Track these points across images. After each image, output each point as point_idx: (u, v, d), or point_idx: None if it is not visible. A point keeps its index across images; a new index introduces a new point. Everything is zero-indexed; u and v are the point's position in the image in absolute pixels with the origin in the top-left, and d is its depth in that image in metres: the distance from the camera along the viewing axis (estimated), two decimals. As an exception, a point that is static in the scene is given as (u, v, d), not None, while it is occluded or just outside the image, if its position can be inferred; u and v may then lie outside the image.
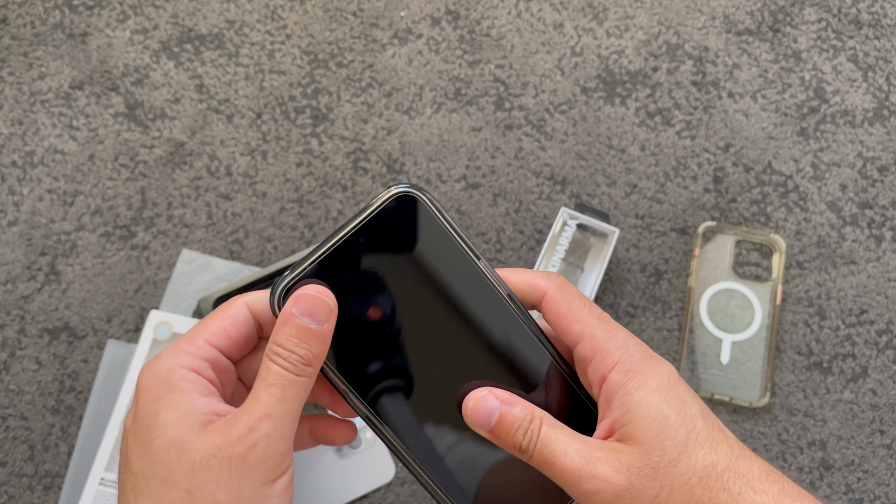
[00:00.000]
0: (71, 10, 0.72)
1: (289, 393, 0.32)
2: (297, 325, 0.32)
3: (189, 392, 0.32)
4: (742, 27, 0.73)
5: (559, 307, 0.36)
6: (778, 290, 0.66)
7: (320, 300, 0.33)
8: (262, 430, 0.31)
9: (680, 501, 0.33)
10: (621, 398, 0.34)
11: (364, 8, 0.73)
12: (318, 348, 0.33)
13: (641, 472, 0.33)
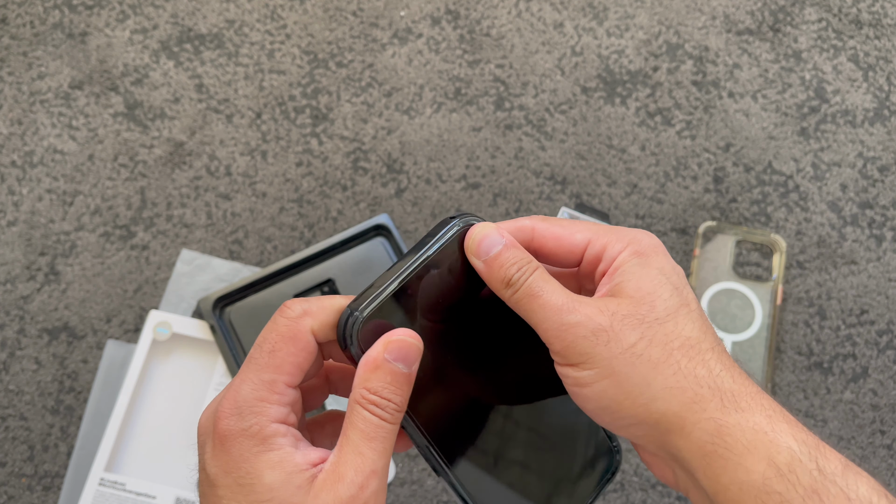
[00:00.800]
0: (70, 10, 0.72)
1: (388, 445, 0.32)
2: (392, 370, 0.32)
3: (285, 447, 0.32)
4: (742, 27, 0.73)
5: (552, 230, 0.36)
6: (778, 290, 0.66)
7: (413, 345, 0.32)
8: (371, 488, 0.31)
9: (656, 357, 0.32)
10: (623, 270, 0.34)
11: (364, 7, 0.73)
12: (408, 393, 0.33)
13: (625, 320, 0.32)
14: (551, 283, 0.34)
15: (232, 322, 0.64)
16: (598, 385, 0.32)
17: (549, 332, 0.33)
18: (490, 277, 0.34)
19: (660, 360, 0.32)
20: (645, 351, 0.32)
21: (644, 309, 0.33)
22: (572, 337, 0.32)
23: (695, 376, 0.32)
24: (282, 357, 0.32)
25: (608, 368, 0.32)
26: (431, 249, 0.34)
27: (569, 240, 0.35)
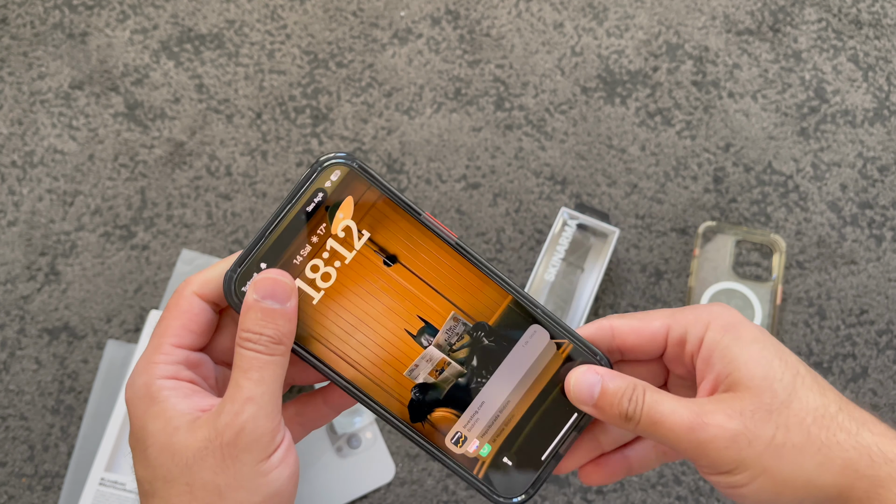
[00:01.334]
0: (71, 10, 0.72)
1: (266, 373, 0.33)
2: (262, 308, 0.34)
3: (170, 399, 0.34)
4: (742, 27, 0.73)
5: (630, 324, 0.37)
6: (778, 290, 0.66)
7: (279, 281, 0.34)
8: (246, 413, 0.33)
9: (798, 441, 0.33)
10: (721, 352, 0.34)
11: (364, 8, 0.73)
12: (286, 326, 0.34)
13: (755, 415, 0.33)
14: (666, 399, 0.34)
15: (232, 322, 0.64)
16: (754, 484, 0.33)
17: (689, 452, 0.34)
18: (607, 418, 0.35)
19: (803, 443, 0.33)
20: (786, 439, 0.33)
21: (767, 398, 0.33)
22: (714, 452, 0.33)
23: (837, 444, 0.33)
24: (166, 322, 0.35)
25: (758, 467, 0.33)
26: (294, 200, 0.35)
27: (648, 329, 0.37)
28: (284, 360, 0.34)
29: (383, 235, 0.36)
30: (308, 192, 0.35)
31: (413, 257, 0.36)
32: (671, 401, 0.34)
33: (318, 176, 0.35)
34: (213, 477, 0.32)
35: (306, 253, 0.36)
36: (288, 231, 0.35)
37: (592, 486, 0.62)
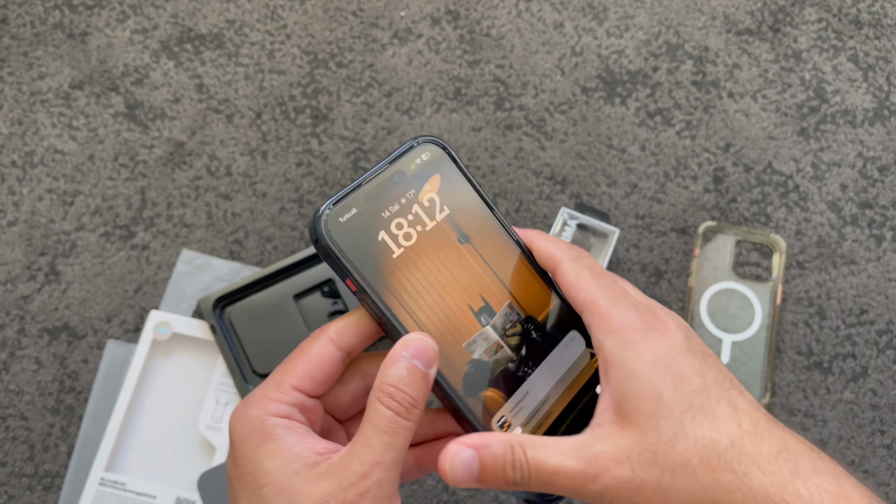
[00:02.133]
0: (71, 10, 0.72)
1: (398, 439, 0.33)
2: (410, 365, 0.33)
3: (286, 438, 0.33)
4: (742, 27, 0.73)
5: (567, 277, 0.37)
6: (778, 290, 0.66)
7: (429, 345, 0.34)
8: (373, 478, 0.32)
9: (683, 485, 0.32)
10: (616, 372, 0.34)
11: (364, 8, 0.73)
12: (425, 391, 0.34)
13: (641, 458, 0.32)
14: (551, 452, 0.34)
15: (232, 322, 0.64)
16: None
17: (585, 499, 0.33)
18: (496, 488, 0.34)
19: (687, 487, 0.32)
20: (671, 484, 0.32)
21: (653, 438, 0.33)
22: (608, 500, 0.33)
23: (723, 486, 0.32)
24: (294, 363, 0.35)
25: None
26: (393, 161, 0.38)
27: (573, 295, 0.37)
28: (415, 426, 0.34)
29: (461, 216, 0.39)
30: (407, 160, 0.38)
31: (483, 242, 0.39)
32: (556, 453, 0.33)
33: (417, 147, 0.39)
34: None
35: (394, 210, 0.37)
36: (382, 186, 0.37)
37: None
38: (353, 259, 0.36)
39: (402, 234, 0.37)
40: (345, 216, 0.36)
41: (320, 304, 0.66)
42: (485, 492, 0.63)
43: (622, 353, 0.34)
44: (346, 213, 0.36)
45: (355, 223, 0.37)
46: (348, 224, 0.36)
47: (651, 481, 0.32)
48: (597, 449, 0.33)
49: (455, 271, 0.38)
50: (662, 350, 0.34)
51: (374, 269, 0.36)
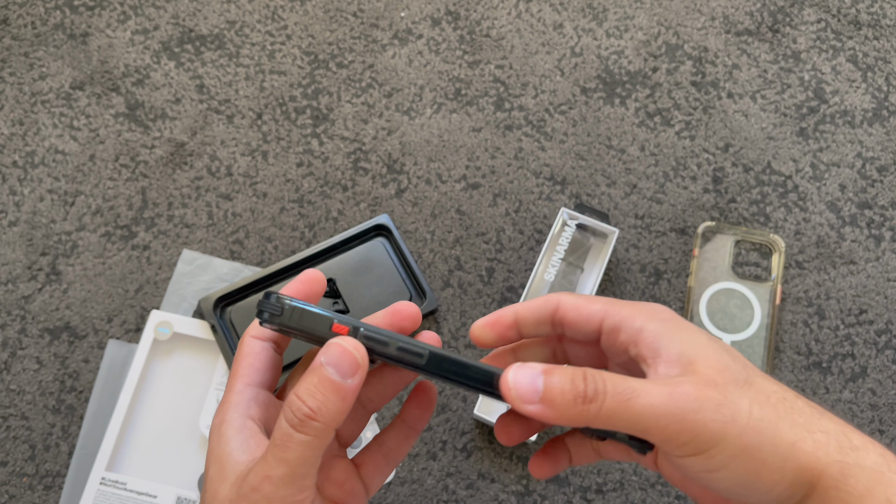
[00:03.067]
0: (72, 11, 0.72)
1: (290, 454, 0.31)
2: (320, 376, 0.31)
3: (231, 442, 0.33)
4: (741, 27, 0.73)
5: (574, 301, 0.36)
6: (777, 289, 0.66)
7: (348, 352, 0.31)
8: (263, 492, 0.31)
9: (771, 417, 0.31)
10: (668, 338, 0.32)
11: (364, 8, 0.73)
12: (335, 404, 0.31)
13: (727, 387, 0.31)
14: (628, 378, 0.31)
15: (233, 322, 0.64)
16: (733, 465, 0.30)
17: (669, 429, 0.30)
18: (560, 412, 0.31)
19: (775, 419, 0.31)
20: (762, 414, 0.31)
21: (731, 374, 0.31)
22: (700, 425, 0.30)
23: (804, 424, 0.31)
24: (234, 366, 0.36)
25: (738, 445, 0.30)
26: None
27: (587, 309, 0.35)
28: (319, 441, 0.31)
29: None
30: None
31: None
32: (635, 379, 0.31)
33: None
34: None
35: None
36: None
37: (591, 486, 0.63)
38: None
39: None
40: (332, 341, 0.35)
41: (321, 304, 0.66)
42: (485, 491, 0.63)
43: (668, 327, 0.33)
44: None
45: None
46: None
47: (742, 408, 0.30)
48: (678, 380, 0.31)
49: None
50: (697, 327, 0.34)
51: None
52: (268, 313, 0.33)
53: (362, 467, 0.38)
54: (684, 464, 0.31)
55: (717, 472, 0.31)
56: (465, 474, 0.63)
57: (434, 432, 0.64)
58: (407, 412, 0.39)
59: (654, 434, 0.30)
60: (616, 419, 0.30)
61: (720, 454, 0.30)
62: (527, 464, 0.63)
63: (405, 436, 0.39)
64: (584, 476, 0.63)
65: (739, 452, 0.30)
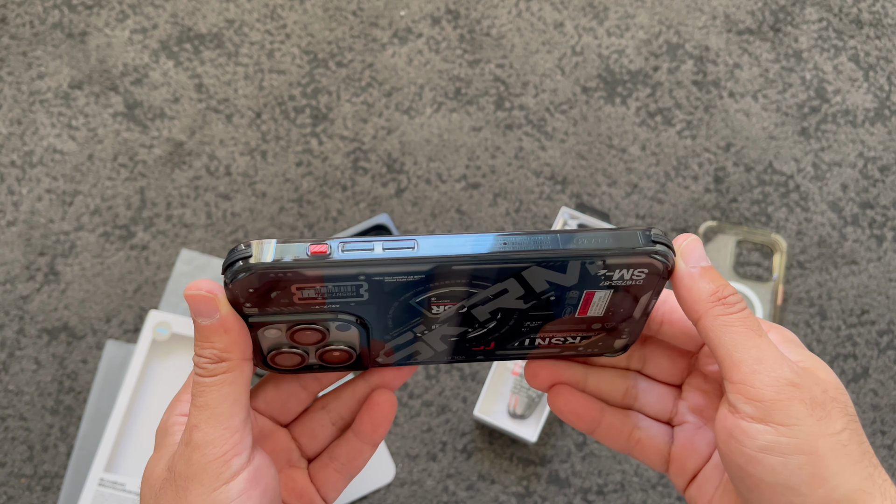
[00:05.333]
0: (70, 10, 0.72)
1: (209, 398, 0.31)
2: (196, 327, 0.32)
3: (177, 433, 0.33)
4: (743, 27, 0.73)
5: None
6: (779, 290, 0.66)
7: (199, 297, 0.31)
8: (193, 442, 0.31)
9: (856, 454, 0.29)
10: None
11: (364, 7, 0.73)
12: (223, 340, 0.31)
13: (834, 403, 0.30)
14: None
15: (232, 322, 0.64)
16: (795, 459, 0.28)
17: (760, 377, 0.29)
18: (700, 286, 0.30)
19: (858, 458, 0.29)
20: (849, 443, 0.29)
21: (843, 400, 0.30)
22: (788, 395, 0.29)
23: (876, 481, 0.29)
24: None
25: (811, 445, 0.29)
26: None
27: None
28: (232, 376, 0.31)
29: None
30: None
31: None
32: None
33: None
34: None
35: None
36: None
37: (592, 487, 0.62)
38: None
39: None
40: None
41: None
42: (485, 493, 0.62)
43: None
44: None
45: None
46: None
47: (834, 424, 0.29)
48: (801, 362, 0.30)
49: None
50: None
51: None
52: (240, 260, 0.29)
53: (314, 480, 0.37)
54: (744, 429, 0.29)
55: (774, 457, 0.29)
56: (465, 475, 0.63)
57: (434, 433, 0.63)
58: (360, 426, 0.37)
59: (740, 371, 0.29)
60: (725, 333, 0.30)
61: (786, 438, 0.29)
62: (527, 465, 0.63)
63: (358, 450, 0.37)
64: (585, 477, 0.63)
65: (807, 452, 0.29)
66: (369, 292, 0.31)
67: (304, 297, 0.31)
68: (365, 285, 0.30)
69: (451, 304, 0.32)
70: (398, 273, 0.30)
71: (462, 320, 0.33)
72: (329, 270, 0.29)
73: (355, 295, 0.31)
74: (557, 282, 0.31)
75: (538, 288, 0.31)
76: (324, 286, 0.30)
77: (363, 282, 0.30)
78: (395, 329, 0.33)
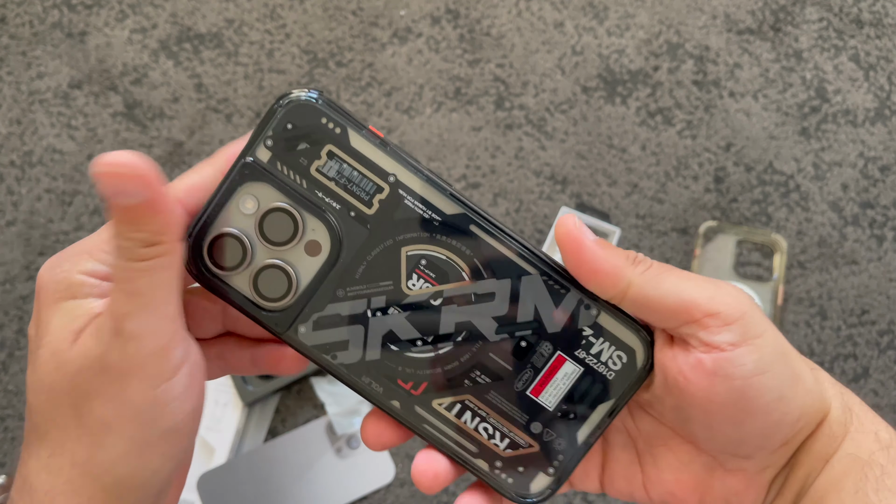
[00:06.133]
0: (69, 10, 0.72)
1: (140, 284, 0.26)
2: (117, 207, 0.26)
3: (89, 294, 0.28)
4: (743, 26, 0.72)
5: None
6: (779, 290, 0.66)
7: (115, 173, 0.25)
8: (126, 332, 0.26)
9: (797, 354, 0.29)
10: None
11: (364, 7, 0.73)
12: (156, 223, 0.26)
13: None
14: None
15: (231, 322, 0.64)
16: (778, 367, 0.28)
17: (719, 301, 0.27)
18: (615, 254, 0.29)
19: (800, 357, 0.30)
20: (793, 353, 0.29)
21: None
22: (748, 307, 0.28)
23: (821, 385, 0.30)
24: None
25: (782, 346, 0.28)
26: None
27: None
28: (167, 260, 0.27)
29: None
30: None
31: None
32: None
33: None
34: (100, 406, 0.27)
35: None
36: None
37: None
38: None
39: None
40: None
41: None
42: (485, 493, 0.62)
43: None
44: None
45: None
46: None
47: (778, 333, 0.29)
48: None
49: None
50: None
51: None
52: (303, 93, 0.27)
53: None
54: (730, 359, 0.27)
55: (761, 377, 0.27)
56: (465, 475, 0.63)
57: (434, 433, 0.63)
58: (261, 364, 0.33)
59: (699, 306, 0.27)
60: (655, 290, 0.28)
61: (767, 346, 0.28)
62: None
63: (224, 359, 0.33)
64: (585, 477, 0.63)
65: (779, 359, 0.28)
66: (380, 205, 0.29)
67: (324, 171, 0.29)
68: (385, 191, 0.29)
69: (433, 283, 0.29)
70: (425, 198, 0.29)
71: (422, 321, 0.30)
72: (371, 150, 0.28)
73: (365, 201, 0.29)
74: (543, 314, 0.29)
75: (522, 313, 0.29)
76: (353, 167, 0.28)
77: (387, 186, 0.29)
78: (356, 285, 0.30)
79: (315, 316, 0.30)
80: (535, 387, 0.30)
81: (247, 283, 0.30)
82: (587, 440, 0.30)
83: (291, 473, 0.62)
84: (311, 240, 0.29)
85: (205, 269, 0.30)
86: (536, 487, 0.31)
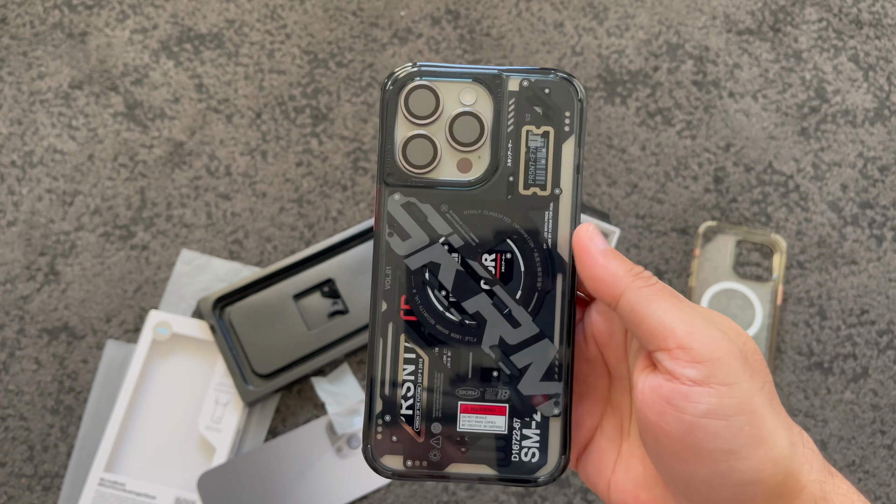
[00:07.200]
0: (70, 10, 0.72)
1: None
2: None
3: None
4: (743, 27, 0.73)
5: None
6: (779, 290, 0.66)
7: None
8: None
9: (776, 406, 0.29)
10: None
11: (364, 7, 0.73)
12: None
13: (754, 356, 0.29)
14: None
15: (232, 322, 0.64)
16: (737, 420, 0.27)
17: (696, 338, 0.28)
18: (616, 263, 0.30)
19: (780, 412, 0.29)
20: (772, 398, 0.29)
21: (755, 348, 0.30)
22: (725, 353, 0.28)
23: (794, 431, 0.29)
24: None
25: (750, 404, 0.27)
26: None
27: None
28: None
29: None
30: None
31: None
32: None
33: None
34: None
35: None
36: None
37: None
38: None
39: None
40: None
41: (320, 304, 0.65)
42: (485, 492, 0.62)
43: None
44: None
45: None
46: None
47: (758, 378, 0.28)
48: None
49: None
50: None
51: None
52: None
53: None
54: (690, 397, 0.27)
55: (718, 422, 0.27)
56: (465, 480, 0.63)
57: (434, 433, 0.64)
58: None
59: (675, 336, 0.28)
60: (648, 305, 0.29)
61: (729, 399, 0.27)
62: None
63: None
64: (585, 477, 0.63)
65: (746, 411, 0.27)
66: (533, 195, 0.32)
67: (530, 136, 0.32)
68: (546, 191, 0.32)
69: (495, 275, 0.32)
70: (561, 222, 0.32)
71: (463, 285, 0.32)
72: (569, 156, 0.31)
73: (539, 184, 0.32)
74: (529, 375, 0.32)
75: (519, 359, 0.32)
76: (547, 157, 0.32)
77: (552, 193, 0.32)
78: (458, 216, 0.32)
79: (413, 198, 0.32)
80: (468, 405, 0.32)
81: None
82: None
83: (292, 473, 0.63)
84: (480, 156, 0.32)
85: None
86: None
